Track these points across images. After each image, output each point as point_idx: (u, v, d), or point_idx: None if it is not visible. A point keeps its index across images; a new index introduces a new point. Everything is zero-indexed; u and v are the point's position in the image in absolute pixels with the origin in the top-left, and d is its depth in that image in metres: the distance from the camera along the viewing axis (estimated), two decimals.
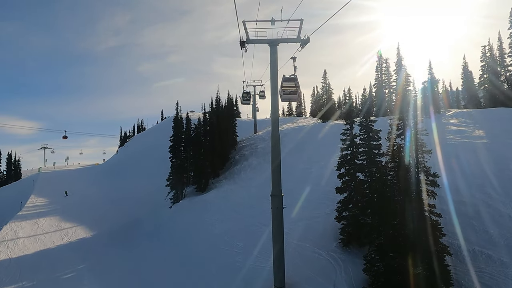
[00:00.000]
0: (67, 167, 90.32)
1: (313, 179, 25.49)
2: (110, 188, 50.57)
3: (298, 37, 15.97)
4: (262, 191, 27.67)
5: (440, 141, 24.05)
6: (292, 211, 21.92)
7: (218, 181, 36.41)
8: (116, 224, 36.52)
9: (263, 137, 45.27)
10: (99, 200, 45.17)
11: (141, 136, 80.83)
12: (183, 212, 31.34)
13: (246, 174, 34.45)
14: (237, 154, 43.48)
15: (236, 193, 29.99)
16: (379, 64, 38.99)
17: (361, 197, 18.51)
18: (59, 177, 61.17)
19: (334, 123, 39.34)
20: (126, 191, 48.09)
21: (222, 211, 27.17)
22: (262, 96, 49.47)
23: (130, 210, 40.69)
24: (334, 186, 22.43)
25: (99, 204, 43.88)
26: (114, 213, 40.29)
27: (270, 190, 18.42)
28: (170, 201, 35.81)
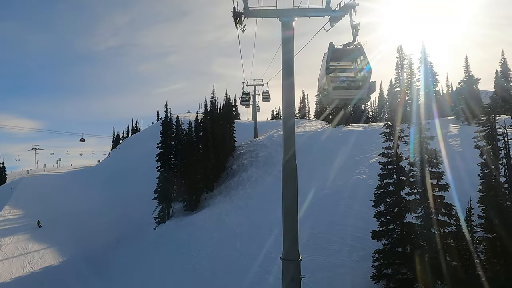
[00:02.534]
0: (58, 169, 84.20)
1: (331, 208, 19.22)
2: (95, 197, 44.29)
3: (327, 6, 9.20)
4: (264, 217, 21.56)
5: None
6: (307, 256, 15.64)
7: (211, 196, 30.18)
8: (94, 246, 30.37)
9: (264, 143, 39.01)
10: (79, 213, 38.79)
11: (134, 138, 74.49)
12: (167, 239, 25.17)
13: (245, 189, 28.23)
14: (235, 163, 37.26)
15: (232, 217, 23.78)
16: (400, 61, 32.67)
17: (412, 249, 12.34)
18: (43, 182, 54.84)
19: (348, 129, 33.06)
20: (111, 201, 41.84)
21: (214, 243, 20.97)
22: (266, 98, 43.19)
23: (113, 226, 34.50)
24: (362, 221, 16.34)
25: (79, 219, 37.59)
26: (93, 230, 34.04)
27: (273, 215, 12.53)
28: (155, 219, 29.59)
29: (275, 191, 25.95)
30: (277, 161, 31.32)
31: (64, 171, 74.16)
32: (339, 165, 24.36)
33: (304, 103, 63.78)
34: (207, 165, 30.33)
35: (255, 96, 48.52)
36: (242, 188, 28.76)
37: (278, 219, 20.37)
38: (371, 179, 20.61)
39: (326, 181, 22.47)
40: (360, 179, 21.13)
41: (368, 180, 20.67)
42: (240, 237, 20.08)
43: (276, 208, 22.81)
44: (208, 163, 30.40)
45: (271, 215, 21.30)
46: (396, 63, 33.41)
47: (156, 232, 27.91)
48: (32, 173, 75.18)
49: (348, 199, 19.07)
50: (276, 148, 34.86)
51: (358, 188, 20.15)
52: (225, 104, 46.79)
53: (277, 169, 30.41)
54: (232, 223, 22.54)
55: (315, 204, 19.82)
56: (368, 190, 19.40)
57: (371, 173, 21.44)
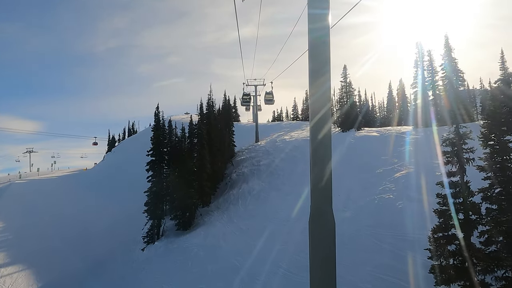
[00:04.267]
0: (52, 172, 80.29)
1: (355, 239, 15.06)
2: (83, 207, 40.17)
3: None
4: (269, 245, 17.47)
5: None
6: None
7: (208, 212, 26.12)
8: (73, 268, 26.36)
9: (266, 149, 34.92)
10: (64, 227, 34.69)
11: (130, 140, 70.28)
12: (153, 266, 21.07)
13: (246, 205, 24.14)
14: (234, 170, 33.20)
15: (230, 243, 19.69)
16: (419, 57, 28.51)
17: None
18: (32, 189, 50.68)
19: (361, 134, 28.90)
20: (100, 213, 37.75)
21: (208, 279, 16.86)
22: (269, 100, 39.23)
23: (98, 243, 30.43)
24: (398, 260, 12.36)
25: (63, 233, 33.57)
26: (77, 248, 30.02)
27: (280, 244, 11.18)
28: (143, 239, 25.52)
29: (281, 210, 21.83)
30: (281, 171, 27.27)
31: (57, 175, 70.23)
32: (358, 180, 20.28)
33: (308, 104, 59.73)
34: (203, 176, 26.26)
35: (256, 97, 44.49)
36: (242, 203, 24.67)
37: (287, 251, 16.35)
38: (400, 200, 16.58)
39: (345, 201, 18.34)
40: (386, 200, 17.05)
41: (396, 201, 16.61)
42: (240, 273, 15.98)
43: (284, 234, 18.83)
44: (204, 174, 26.33)
45: (278, 242, 17.28)
46: (415, 60, 29.39)
47: (143, 255, 23.83)
48: (24, 177, 71.35)
49: (376, 227, 15.01)
50: (279, 156, 30.81)
51: (385, 211, 16.09)
52: (224, 106, 42.68)
53: (281, 181, 26.37)
54: (230, 251, 18.44)
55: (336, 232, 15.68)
56: (399, 215, 15.39)
57: (399, 192, 17.41)
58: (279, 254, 16.23)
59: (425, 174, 17.84)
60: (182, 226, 24.29)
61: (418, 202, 15.57)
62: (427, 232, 13.34)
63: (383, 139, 25.71)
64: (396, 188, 17.81)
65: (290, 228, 18.03)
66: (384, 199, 17.24)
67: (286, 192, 23.35)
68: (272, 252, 16.58)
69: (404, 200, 16.28)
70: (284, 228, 18.45)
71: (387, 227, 14.98)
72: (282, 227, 18.81)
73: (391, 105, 49.34)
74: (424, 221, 13.48)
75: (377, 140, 25.87)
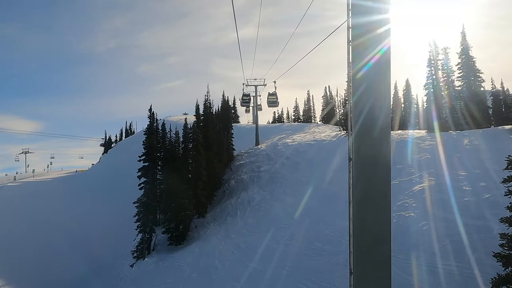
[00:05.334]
0: (48, 174, 77.94)
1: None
2: (74, 214, 37.66)
3: None
4: (271, 266, 14.99)
5: None
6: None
7: (203, 224, 23.68)
8: (56, 283, 23.96)
9: (267, 153, 32.46)
10: (51, 237, 32.17)
11: (127, 142, 67.71)
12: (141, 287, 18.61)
13: (245, 218, 21.67)
14: (232, 176, 30.77)
15: (227, 264, 17.21)
16: (433, 56, 25.97)
17: None
18: (23, 193, 48.16)
19: None
20: (91, 220, 35.28)
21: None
22: (273, 101, 36.64)
23: (86, 255, 28.00)
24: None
25: (49, 243, 31.12)
26: (62, 260, 27.59)
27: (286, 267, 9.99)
28: (132, 254, 23.05)
29: (284, 226, 19.27)
30: (283, 179, 24.79)
31: (52, 176, 67.88)
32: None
33: (309, 105, 57.06)
34: (198, 185, 23.80)
35: (256, 98, 42.01)
36: (241, 215, 22.20)
37: (292, 278, 13.87)
38: (424, 219, 14.11)
39: None
40: (407, 218, 14.59)
41: (419, 220, 14.14)
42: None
43: (288, 257, 16.25)
44: (200, 183, 23.86)
45: (281, 266, 14.83)
46: (428, 59, 26.90)
47: (132, 272, 21.40)
48: (19, 179, 69.38)
49: (398, 253, 12.51)
50: (282, 161, 28.35)
51: (406, 232, 13.63)
52: (223, 107, 40.22)
53: (283, 191, 23.87)
54: (226, 275, 15.98)
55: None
56: (426, 239, 12.93)
57: (421, 209, 14.94)
58: (282, 282, 13.80)
59: (450, 188, 15.43)
60: (175, 240, 21.84)
61: (447, 223, 13.14)
62: (466, 264, 10.95)
63: (396, 144, 23.22)
64: (417, 204, 15.35)
65: (296, 250, 15.60)
66: (404, 217, 14.77)
67: (289, 204, 20.87)
68: (275, 279, 14.15)
69: (429, 220, 13.82)
70: (288, 249, 16.01)
71: (411, 254, 12.53)
72: (286, 247, 16.35)
73: (397, 107, 46.80)
74: (462, 250, 11.09)
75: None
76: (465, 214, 13.32)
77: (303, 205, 19.65)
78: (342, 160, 23.04)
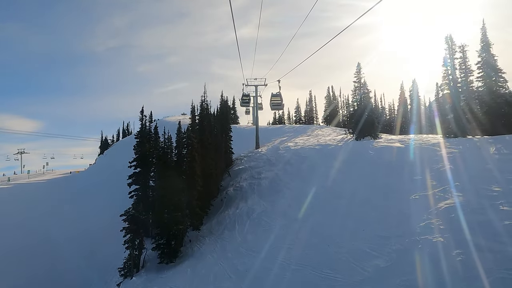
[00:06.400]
0: (43, 175, 75.70)
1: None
2: (64, 223, 35.27)
3: None
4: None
5: None
6: None
7: (198, 238, 21.29)
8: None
9: (268, 157, 30.08)
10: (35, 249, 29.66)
11: (123, 142, 65.30)
12: None
13: (243, 233, 19.24)
14: (231, 183, 28.41)
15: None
16: (450, 54, 23.50)
17: None
18: (12, 197, 45.85)
19: (381, 144, 23.93)
20: (82, 228, 32.96)
21: None
22: (277, 104, 33.89)
23: (72, 270, 25.69)
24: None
25: (37, 253, 28.79)
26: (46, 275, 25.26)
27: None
28: (120, 271, 20.62)
29: (288, 247, 16.60)
30: (286, 189, 22.37)
31: (47, 177, 65.76)
32: (386, 208, 15.43)
33: (312, 106, 54.60)
34: (193, 195, 21.38)
35: (256, 98, 39.62)
36: (239, 230, 19.78)
37: None
38: (458, 247, 11.61)
39: (372, 240, 13.47)
40: (435, 244, 12.13)
41: (451, 248, 11.67)
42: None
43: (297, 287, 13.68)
44: (194, 192, 21.45)
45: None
46: (444, 58, 24.43)
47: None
48: (13, 180, 67.28)
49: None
50: (284, 167, 25.94)
51: (437, 264, 11.15)
52: (221, 108, 37.79)
53: (287, 202, 21.33)
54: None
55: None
56: (464, 275, 10.51)
57: (452, 233, 12.43)
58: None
59: (485, 207, 13.01)
60: (167, 257, 19.42)
61: (493, 254, 10.69)
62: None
63: (410, 151, 20.81)
64: (446, 226, 12.90)
65: (303, 278, 13.17)
66: (431, 243, 12.31)
67: (293, 218, 18.43)
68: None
69: (464, 248, 11.37)
70: (295, 277, 13.57)
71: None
72: (292, 274, 13.93)
73: (404, 109, 44.36)
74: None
75: (403, 152, 20.96)
76: (507, 241, 10.91)
77: (309, 221, 17.24)
78: (351, 168, 20.63)
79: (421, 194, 15.77)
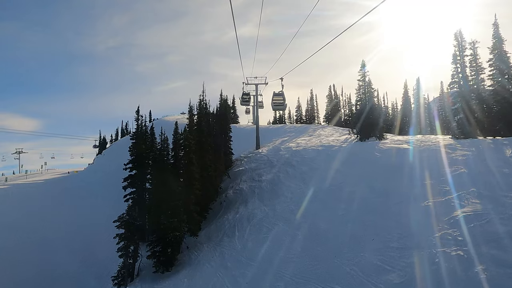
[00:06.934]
0: (42, 175, 74.55)
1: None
2: (60, 223, 34.20)
3: None
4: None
5: None
6: None
7: (195, 245, 20.16)
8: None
9: (269, 159, 28.92)
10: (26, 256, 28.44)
11: (123, 142, 64.05)
12: None
13: (244, 241, 18.10)
14: (231, 185, 27.29)
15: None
16: (459, 50, 22.30)
17: None
18: (10, 198, 44.74)
19: (387, 145, 22.77)
20: (78, 233, 31.87)
21: None
22: (279, 104, 32.04)
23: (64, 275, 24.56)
24: None
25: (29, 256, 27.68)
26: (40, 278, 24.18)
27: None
28: (113, 280, 19.51)
29: (291, 257, 15.06)
30: (288, 192, 21.20)
31: (45, 178, 64.65)
32: (397, 216, 14.26)
33: (313, 105, 53.40)
34: (190, 199, 20.23)
35: (256, 97, 38.44)
36: (239, 237, 18.64)
37: None
38: (481, 263, 10.38)
39: (383, 251, 12.33)
40: (454, 259, 10.96)
41: (473, 264, 10.48)
42: None
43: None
44: (192, 197, 20.30)
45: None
46: (453, 54, 23.24)
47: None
48: (11, 180, 66.21)
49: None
50: (285, 170, 24.78)
51: (457, 283, 9.99)
52: (221, 107, 36.62)
53: (289, 207, 20.00)
54: None
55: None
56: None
57: (474, 246, 11.18)
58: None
59: (508, 217, 11.86)
60: (162, 266, 18.29)
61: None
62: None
63: (420, 153, 19.62)
64: (465, 237, 11.73)
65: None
66: (450, 257, 11.14)
67: (295, 225, 17.25)
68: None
69: (488, 264, 10.21)
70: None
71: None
72: (296, 286, 12.80)
73: (406, 108, 43.18)
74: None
75: (412, 154, 19.77)
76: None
77: (313, 228, 16.10)
78: (356, 171, 19.46)
79: (434, 201, 14.60)
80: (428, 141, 21.50)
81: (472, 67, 21.90)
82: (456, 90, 22.15)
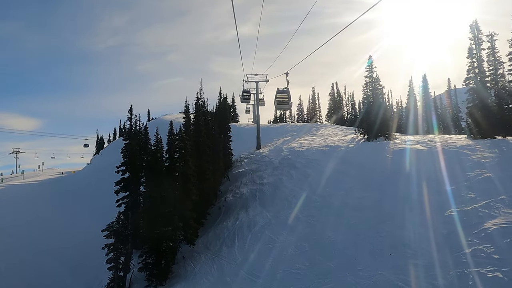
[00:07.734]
0: (39, 175, 72.76)
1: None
2: (52, 228, 32.47)
3: None
4: None
5: None
6: None
7: (192, 254, 18.47)
8: None
9: (271, 160, 27.21)
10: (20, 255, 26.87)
11: (119, 142, 62.35)
12: None
13: (244, 251, 16.43)
14: (230, 188, 25.61)
15: None
16: (476, 44, 20.55)
17: None
18: (4, 199, 43.01)
19: (399, 146, 21.03)
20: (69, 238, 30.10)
21: None
22: (284, 103, 28.43)
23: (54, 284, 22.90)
24: None
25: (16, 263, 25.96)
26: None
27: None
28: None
29: (299, 272, 12.68)
30: (292, 197, 19.48)
31: (42, 178, 62.80)
32: (417, 226, 12.57)
33: (315, 103, 51.67)
34: (186, 205, 18.52)
35: (257, 96, 36.76)
36: (240, 247, 16.94)
37: None
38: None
39: (405, 269, 10.64)
40: (490, 281, 9.28)
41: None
42: None
43: None
44: (188, 202, 18.59)
45: None
46: (469, 48, 21.47)
47: None
48: (7, 181, 64.46)
49: None
50: (289, 172, 23.09)
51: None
52: (220, 106, 34.91)
53: (294, 215, 17.89)
54: None
55: None
56: None
57: (509, 262, 9.62)
58: None
59: None
60: (156, 279, 16.60)
61: None
62: None
63: (436, 155, 17.90)
64: (502, 255, 10.04)
65: None
66: (486, 279, 9.47)
67: (302, 235, 15.52)
68: None
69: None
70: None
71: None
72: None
73: (413, 106, 41.44)
74: None
75: (427, 157, 18.05)
76: None
77: (321, 239, 14.41)
78: (366, 174, 17.75)
79: (458, 209, 12.90)
80: (444, 142, 19.79)
81: (490, 61, 20.18)
82: (472, 86, 20.40)
